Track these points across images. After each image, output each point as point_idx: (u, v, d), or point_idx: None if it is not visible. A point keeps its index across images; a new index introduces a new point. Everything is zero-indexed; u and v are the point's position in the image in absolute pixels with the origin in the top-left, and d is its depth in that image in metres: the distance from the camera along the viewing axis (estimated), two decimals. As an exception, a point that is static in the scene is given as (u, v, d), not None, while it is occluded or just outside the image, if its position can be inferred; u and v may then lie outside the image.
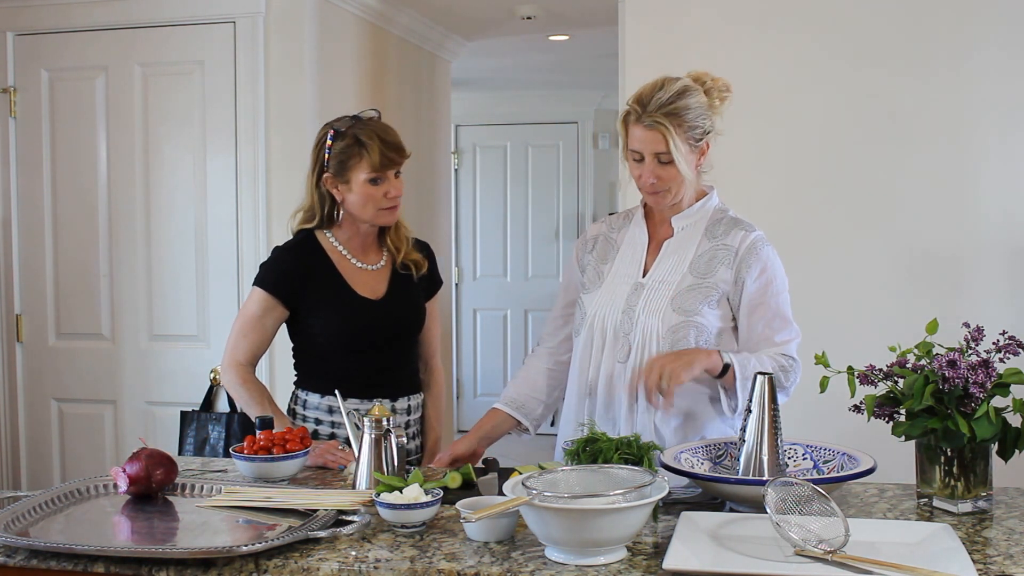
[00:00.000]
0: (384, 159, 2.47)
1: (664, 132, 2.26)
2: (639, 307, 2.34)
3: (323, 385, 2.54)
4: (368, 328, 2.55)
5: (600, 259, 2.47)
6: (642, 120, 2.28)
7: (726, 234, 2.38)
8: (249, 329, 2.55)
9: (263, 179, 3.80)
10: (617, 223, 2.52)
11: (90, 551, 1.70)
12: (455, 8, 4.75)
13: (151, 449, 2.10)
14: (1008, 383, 1.91)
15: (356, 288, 2.55)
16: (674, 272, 2.36)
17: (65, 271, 4.02)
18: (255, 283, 2.57)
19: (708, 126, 2.34)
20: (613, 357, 2.35)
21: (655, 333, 2.31)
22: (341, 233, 2.59)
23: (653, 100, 2.28)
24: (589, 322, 2.39)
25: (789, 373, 2.31)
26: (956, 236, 3.52)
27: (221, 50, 3.83)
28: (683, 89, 2.31)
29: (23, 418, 4.08)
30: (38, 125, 4.00)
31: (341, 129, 2.50)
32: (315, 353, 2.59)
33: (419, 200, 5.04)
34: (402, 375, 2.63)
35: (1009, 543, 1.73)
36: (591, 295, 2.42)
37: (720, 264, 2.34)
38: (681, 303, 2.32)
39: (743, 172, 3.69)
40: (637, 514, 1.63)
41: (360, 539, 1.79)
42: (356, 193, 2.49)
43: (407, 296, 2.63)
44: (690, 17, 3.71)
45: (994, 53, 3.48)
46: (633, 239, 2.46)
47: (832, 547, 1.62)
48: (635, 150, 2.32)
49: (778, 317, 2.34)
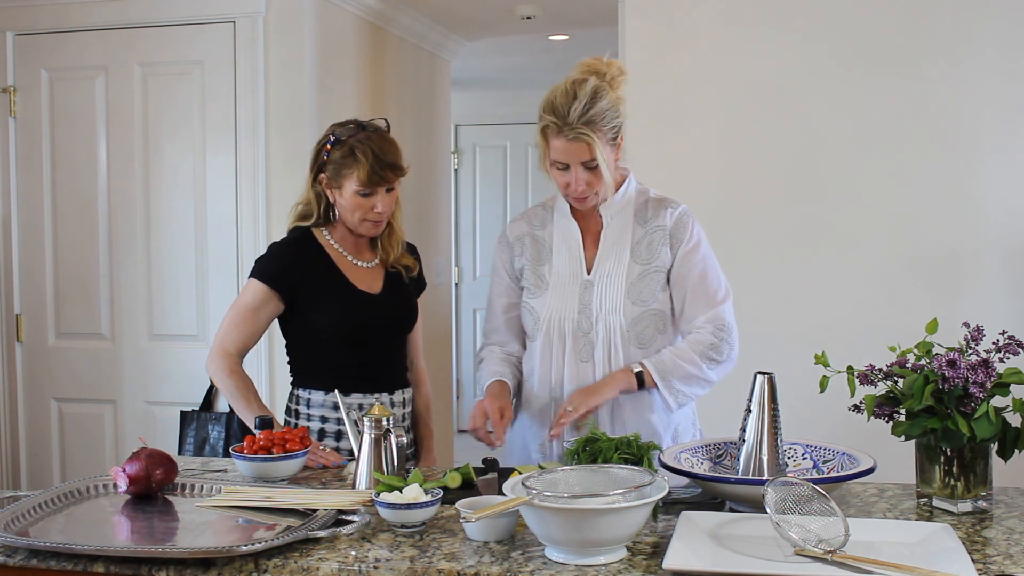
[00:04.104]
0: (374, 177, 2.49)
1: (588, 142, 2.29)
2: (595, 305, 2.39)
3: (325, 382, 2.56)
4: (369, 322, 2.58)
5: (535, 260, 2.48)
6: (564, 133, 2.29)
7: (656, 216, 2.44)
8: (242, 320, 2.56)
9: (263, 179, 3.80)
10: (538, 219, 2.53)
11: (90, 551, 1.70)
12: (455, 8, 4.76)
13: (151, 449, 2.10)
14: (1008, 383, 1.91)
15: (355, 283, 2.58)
16: (619, 264, 2.41)
17: (65, 271, 4.02)
18: (253, 275, 2.58)
19: (619, 121, 2.37)
20: (576, 357, 2.40)
21: (618, 328, 2.38)
22: (336, 232, 2.62)
23: (571, 111, 2.29)
24: (545, 326, 2.42)
25: (722, 346, 2.38)
26: (956, 236, 3.53)
27: (221, 50, 3.83)
28: (594, 93, 2.32)
29: (23, 418, 4.08)
30: (38, 125, 4.00)
31: (342, 137, 2.52)
32: (315, 349, 2.59)
33: (419, 200, 5.04)
34: (398, 369, 2.68)
35: (1009, 543, 1.73)
36: (539, 299, 2.45)
37: (659, 246, 2.41)
38: (637, 294, 2.39)
39: (743, 171, 3.70)
40: (637, 514, 1.63)
41: (360, 539, 1.79)
42: (346, 200, 2.53)
43: (402, 293, 2.68)
44: (690, 17, 3.71)
45: (994, 53, 3.48)
46: (565, 235, 2.48)
47: (832, 547, 1.62)
48: (558, 160, 2.34)
49: (708, 278, 2.41)
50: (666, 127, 3.71)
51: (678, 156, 3.72)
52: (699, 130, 3.72)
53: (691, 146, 3.72)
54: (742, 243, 3.66)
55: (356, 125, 2.55)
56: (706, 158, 3.71)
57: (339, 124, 2.57)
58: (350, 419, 2.24)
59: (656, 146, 3.70)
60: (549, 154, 2.35)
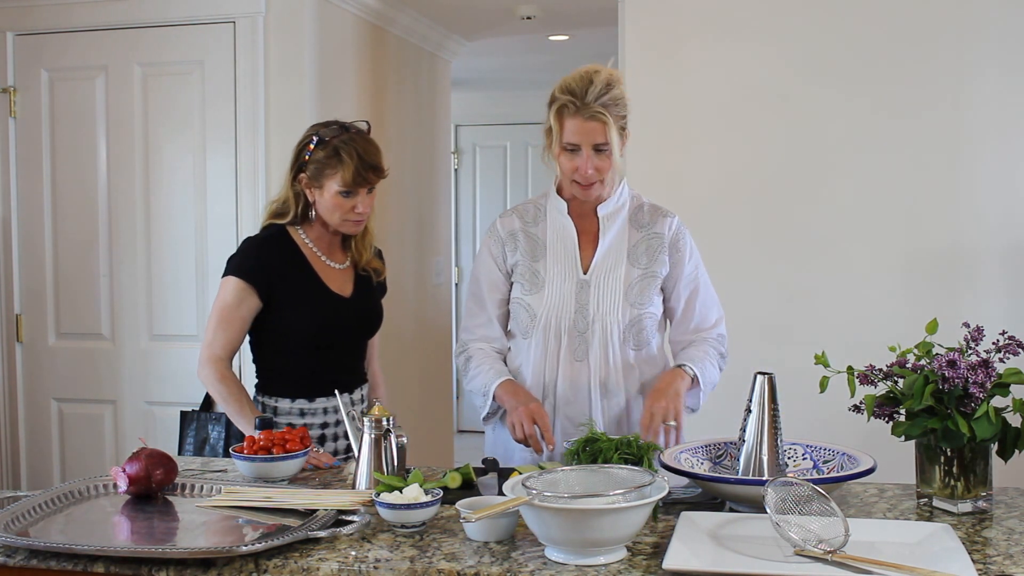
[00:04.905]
0: (358, 177, 2.51)
1: (604, 121, 2.32)
2: (592, 305, 2.40)
3: (292, 387, 2.59)
4: (338, 323, 2.61)
5: (530, 257, 2.48)
6: (581, 112, 2.32)
7: (652, 222, 2.47)
8: (226, 321, 2.56)
9: (263, 179, 3.80)
10: (530, 215, 2.53)
11: (90, 551, 1.70)
12: (455, 8, 4.75)
13: (151, 449, 2.10)
14: (1008, 383, 1.91)
15: (328, 284, 2.61)
16: (617, 266, 2.43)
17: (65, 271, 4.02)
18: (228, 273, 2.59)
19: (627, 114, 2.40)
20: (571, 356, 2.41)
21: (615, 329, 2.40)
22: (311, 231, 2.64)
23: (588, 92, 2.32)
24: (542, 324, 2.43)
25: (726, 356, 2.51)
26: (956, 236, 3.53)
27: (221, 50, 3.83)
28: (610, 79, 2.35)
29: (23, 418, 4.08)
30: (38, 125, 4.00)
31: (325, 138, 2.54)
32: (282, 351, 2.61)
33: (419, 200, 5.04)
34: (360, 371, 2.73)
35: (1009, 543, 1.73)
36: (536, 296, 2.45)
37: (657, 252, 2.44)
38: (635, 297, 2.41)
39: (743, 171, 3.70)
40: (637, 514, 1.63)
41: (360, 539, 1.79)
42: (327, 200, 2.55)
43: (371, 296, 2.72)
44: (690, 18, 3.71)
45: (993, 52, 3.48)
46: (560, 233, 2.48)
47: (832, 547, 1.62)
48: (571, 143, 2.35)
49: (709, 296, 2.53)
50: (666, 127, 3.71)
51: (678, 156, 3.73)
52: (699, 129, 3.72)
53: (691, 146, 3.72)
54: (742, 243, 3.67)
55: (339, 126, 2.58)
56: (706, 158, 3.71)
57: (321, 124, 2.60)
58: (350, 419, 2.24)
59: (656, 146, 3.70)
60: (562, 136, 2.35)
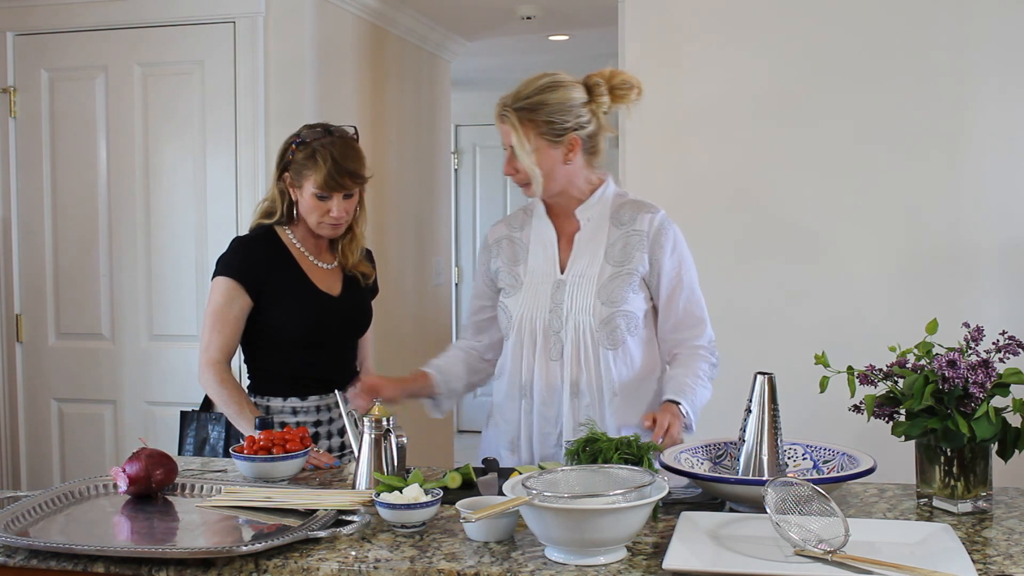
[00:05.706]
0: (331, 181, 2.54)
1: (510, 124, 2.33)
2: (566, 304, 2.40)
3: (282, 387, 2.61)
4: (328, 322, 2.63)
5: (511, 262, 2.49)
6: (496, 114, 2.36)
7: (633, 220, 2.43)
8: (220, 324, 2.57)
9: (263, 179, 3.80)
10: (517, 222, 2.56)
11: (90, 551, 1.70)
12: (455, 8, 4.76)
13: (151, 449, 2.10)
14: (1008, 383, 1.91)
15: (316, 283, 2.62)
16: (592, 265, 2.41)
17: (65, 271, 4.02)
18: (218, 274, 2.60)
19: (575, 123, 2.36)
20: (546, 356, 2.41)
21: (588, 328, 2.38)
22: (298, 231, 2.66)
23: (514, 94, 2.35)
24: (517, 325, 2.43)
25: (717, 364, 2.45)
26: (956, 236, 3.52)
27: (221, 50, 3.83)
28: (549, 85, 2.35)
29: (23, 418, 4.08)
30: (38, 125, 4.00)
31: (307, 139, 2.58)
32: (272, 350, 2.62)
33: (419, 200, 5.04)
34: (350, 371, 2.73)
35: (1009, 543, 1.73)
36: (513, 298, 2.46)
37: (635, 250, 2.40)
38: (608, 295, 2.38)
39: (743, 171, 3.70)
40: (637, 514, 1.63)
41: (360, 539, 1.79)
42: (305, 201, 2.58)
43: (359, 296, 2.73)
44: (690, 17, 3.71)
45: (993, 52, 3.48)
46: (541, 236, 2.49)
47: (832, 547, 1.61)
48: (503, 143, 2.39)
49: (694, 295, 2.45)
50: (666, 127, 3.71)
51: (678, 155, 3.72)
52: (699, 129, 3.72)
53: (691, 145, 3.72)
54: (742, 242, 3.66)
55: (324, 129, 2.61)
56: (706, 157, 3.71)
57: (309, 126, 2.63)
58: (350, 419, 2.24)
59: (655, 145, 3.70)
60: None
